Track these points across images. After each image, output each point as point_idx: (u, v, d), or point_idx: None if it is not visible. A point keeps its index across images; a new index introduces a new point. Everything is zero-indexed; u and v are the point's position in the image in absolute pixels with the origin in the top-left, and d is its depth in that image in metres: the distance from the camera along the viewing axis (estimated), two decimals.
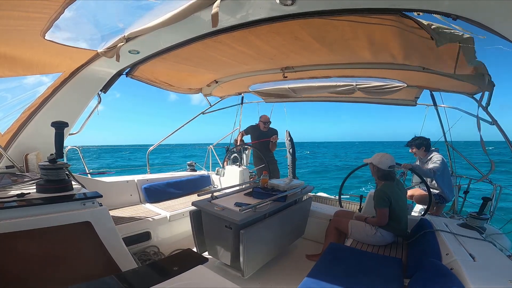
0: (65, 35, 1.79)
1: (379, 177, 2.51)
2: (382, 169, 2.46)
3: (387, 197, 2.33)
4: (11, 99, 2.36)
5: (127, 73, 2.73)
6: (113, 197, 3.16)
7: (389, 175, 2.46)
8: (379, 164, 2.46)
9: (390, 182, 2.45)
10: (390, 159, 2.46)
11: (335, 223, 2.69)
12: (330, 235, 2.66)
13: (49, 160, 1.63)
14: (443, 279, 1.43)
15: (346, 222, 2.61)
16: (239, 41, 2.06)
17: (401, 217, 2.41)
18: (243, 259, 2.12)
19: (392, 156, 2.49)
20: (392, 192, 2.36)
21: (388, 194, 2.33)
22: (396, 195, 2.37)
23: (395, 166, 2.49)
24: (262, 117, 4.52)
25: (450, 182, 3.43)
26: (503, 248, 1.99)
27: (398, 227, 2.41)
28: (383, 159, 2.46)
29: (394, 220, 2.38)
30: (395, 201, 2.35)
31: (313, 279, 1.76)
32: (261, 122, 4.50)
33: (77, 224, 1.53)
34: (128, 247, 1.78)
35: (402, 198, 2.45)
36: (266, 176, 3.02)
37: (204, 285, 0.93)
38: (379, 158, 2.48)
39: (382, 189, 2.39)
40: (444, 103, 3.63)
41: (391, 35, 1.76)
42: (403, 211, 2.43)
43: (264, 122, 4.46)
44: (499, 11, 1.13)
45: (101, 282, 0.93)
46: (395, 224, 2.39)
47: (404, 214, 2.46)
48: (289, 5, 1.39)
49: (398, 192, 2.41)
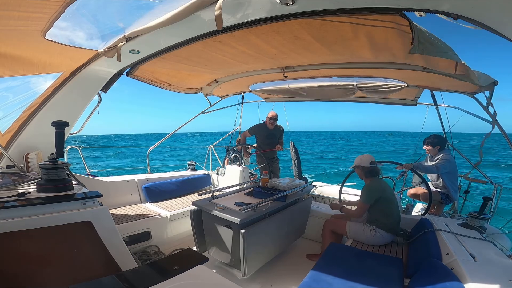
0: (66, 35, 1.79)
1: (366, 175, 2.67)
2: (366, 166, 2.64)
3: (374, 193, 2.47)
4: (12, 98, 2.37)
5: (127, 72, 2.73)
6: (113, 196, 3.16)
7: (374, 171, 2.65)
8: (362, 163, 2.66)
9: (376, 177, 2.64)
10: (370, 157, 2.68)
11: (331, 226, 2.69)
12: (326, 238, 2.65)
13: (49, 159, 1.63)
14: (443, 279, 1.43)
15: (343, 223, 2.61)
16: (239, 40, 2.06)
17: (391, 212, 2.46)
18: (243, 258, 2.12)
19: (370, 154, 2.73)
20: (380, 188, 2.51)
21: (375, 190, 2.49)
22: (383, 191, 2.50)
23: (376, 161, 2.69)
24: (270, 114, 4.45)
25: (457, 183, 3.43)
26: (503, 248, 1.99)
27: (388, 223, 2.44)
28: (363, 158, 2.67)
29: (383, 215, 2.44)
30: (383, 196, 2.46)
31: (313, 278, 1.76)
32: (268, 119, 4.43)
33: (77, 224, 1.53)
34: (129, 247, 1.78)
35: (389, 194, 2.53)
36: (266, 176, 3.02)
37: (204, 284, 0.93)
38: (360, 159, 2.70)
39: (370, 184, 2.58)
40: (444, 103, 3.63)
41: (391, 34, 1.76)
42: (392, 208, 2.48)
43: (271, 118, 4.41)
44: (500, 10, 1.13)
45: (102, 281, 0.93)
46: (384, 219, 2.43)
47: (394, 210, 2.49)
48: (289, 5, 1.38)
49: (385, 188, 2.55)
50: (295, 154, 4.39)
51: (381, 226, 2.43)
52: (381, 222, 2.43)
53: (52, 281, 1.40)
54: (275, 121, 4.45)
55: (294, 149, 4.40)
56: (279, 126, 4.59)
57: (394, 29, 1.63)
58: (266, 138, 4.48)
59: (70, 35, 1.84)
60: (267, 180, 2.95)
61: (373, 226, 2.45)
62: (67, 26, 1.69)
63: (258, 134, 4.54)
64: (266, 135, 4.47)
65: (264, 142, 4.49)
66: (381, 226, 2.43)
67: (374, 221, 2.47)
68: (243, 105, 5.02)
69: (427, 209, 3.16)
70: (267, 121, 4.46)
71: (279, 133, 4.61)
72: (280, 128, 4.62)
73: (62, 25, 1.60)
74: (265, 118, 4.49)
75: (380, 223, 2.43)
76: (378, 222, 2.44)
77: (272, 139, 4.51)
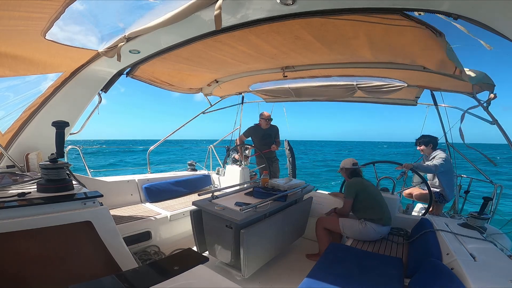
0: (66, 35, 1.79)
1: (349, 176, 2.91)
2: (348, 167, 2.91)
3: (353, 189, 2.65)
4: (12, 98, 2.37)
5: (127, 73, 2.74)
6: (113, 196, 3.16)
7: (355, 172, 2.88)
8: (345, 165, 2.94)
9: (356, 177, 2.82)
10: (352, 160, 2.97)
11: (323, 224, 2.75)
12: (322, 237, 2.72)
13: (49, 159, 1.64)
14: (443, 279, 1.43)
15: (336, 220, 2.68)
16: (239, 40, 2.06)
17: (374, 204, 2.60)
18: (244, 258, 2.12)
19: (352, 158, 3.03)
20: (358, 183, 2.70)
21: (354, 186, 2.67)
22: (362, 186, 2.68)
23: (357, 163, 2.94)
24: (263, 115, 4.46)
25: (452, 182, 3.43)
26: (503, 248, 1.99)
27: (373, 214, 2.54)
28: (346, 161, 2.97)
29: (365, 207, 2.60)
30: (363, 190, 2.64)
31: (314, 278, 1.76)
32: (262, 120, 4.45)
33: (77, 224, 1.53)
34: (129, 247, 1.78)
35: (370, 188, 2.70)
36: (266, 176, 3.02)
37: (204, 284, 0.93)
38: (344, 162, 2.98)
39: (350, 181, 2.79)
40: (444, 103, 3.63)
41: (391, 34, 1.76)
42: (375, 199, 2.62)
43: (265, 119, 4.42)
44: (500, 10, 1.13)
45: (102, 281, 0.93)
46: (368, 211, 2.57)
47: (378, 202, 2.63)
48: (289, 5, 1.38)
49: (365, 183, 2.73)
50: (290, 153, 4.37)
51: (368, 219, 2.55)
52: (367, 214, 2.57)
53: (52, 281, 1.40)
54: (270, 121, 4.47)
55: (289, 147, 4.38)
56: (274, 126, 4.60)
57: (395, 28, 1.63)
58: (262, 139, 4.49)
59: (71, 35, 1.84)
60: (267, 180, 2.95)
61: (362, 219, 2.58)
62: (68, 26, 1.69)
63: (254, 136, 4.55)
64: (262, 135, 4.48)
65: (261, 143, 4.50)
66: (369, 219, 2.55)
67: (361, 214, 2.62)
68: (243, 105, 5.02)
69: (427, 209, 3.16)
70: (261, 122, 4.47)
71: (274, 133, 4.61)
72: (275, 128, 4.63)
73: (63, 25, 1.60)
74: (259, 120, 4.51)
75: (365, 215, 2.57)
76: (364, 214, 2.59)
77: (268, 139, 4.52)
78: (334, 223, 2.68)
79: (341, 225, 2.63)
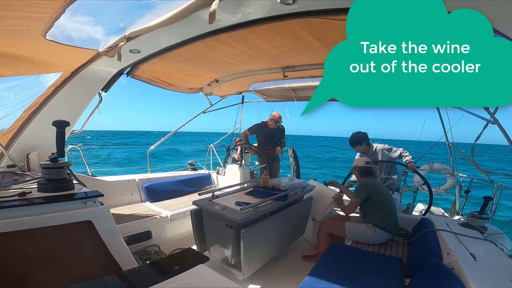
0: (66, 34, 1.79)
1: (361, 175, 2.76)
2: (361, 166, 2.74)
3: (365, 190, 2.53)
4: (13, 98, 2.37)
5: (127, 72, 2.73)
6: (114, 196, 3.16)
7: (368, 170, 2.73)
8: (357, 164, 2.78)
9: (371, 177, 2.70)
10: (365, 158, 2.81)
11: (327, 228, 2.64)
12: (323, 242, 2.59)
13: (50, 159, 1.64)
14: (444, 279, 1.43)
15: (342, 224, 2.58)
16: (239, 40, 2.06)
17: (386, 209, 2.48)
18: (244, 258, 2.12)
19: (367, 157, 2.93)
20: (371, 185, 2.56)
21: (367, 188, 2.54)
22: (376, 188, 2.55)
23: (371, 162, 2.79)
24: (274, 116, 4.35)
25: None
26: (504, 248, 1.99)
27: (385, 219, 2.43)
28: (358, 160, 2.83)
29: (379, 212, 2.46)
30: (375, 193, 2.51)
31: (314, 278, 1.76)
32: (272, 121, 4.35)
33: (78, 223, 1.53)
34: (129, 246, 1.78)
35: (384, 192, 2.57)
36: (267, 176, 3.02)
37: (204, 284, 0.94)
38: (356, 160, 2.86)
39: (363, 182, 2.66)
40: None
41: None
42: (386, 205, 2.49)
43: (276, 121, 4.34)
44: (500, 10, 1.13)
45: (102, 281, 0.94)
46: (381, 216, 2.45)
47: (387, 208, 2.49)
48: (290, 4, 1.38)
49: (378, 185, 2.61)
50: (294, 160, 4.36)
51: (378, 224, 2.43)
52: (378, 219, 2.44)
53: (52, 281, 1.41)
54: (279, 123, 4.40)
55: (293, 154, 4.37)
56: (280, 126, 4.57)
57: None
58: (266, 137, 4.45)
59: (71, 35, 1.84)
60: (268, 179, 2.95)
61: (370, 224, 2.46)
62: (68, 26, 1.69)
63: (258, 133, 4.50)
64: (266, 134, 4.44)
65: (265, 142, 4.46)
66: (378, 224, 2.43)
67: (370, 219, 2.48)
68: (243, 105, 5.02)
69: (427, 209, 3.16)
70: (271, 122, 4.37)
71: (279, 133, 4.58)
72: (281, 128, 4.60)
73: (63, 25, 1.60)
74: (268, 118, 4.42)
75: (376, 221, 2.44)
76: (375, 219, 2.45)
77: (272, 138, 4.48)
78: (340, 228, 2.57)
79: (347, 230, 2.52)
